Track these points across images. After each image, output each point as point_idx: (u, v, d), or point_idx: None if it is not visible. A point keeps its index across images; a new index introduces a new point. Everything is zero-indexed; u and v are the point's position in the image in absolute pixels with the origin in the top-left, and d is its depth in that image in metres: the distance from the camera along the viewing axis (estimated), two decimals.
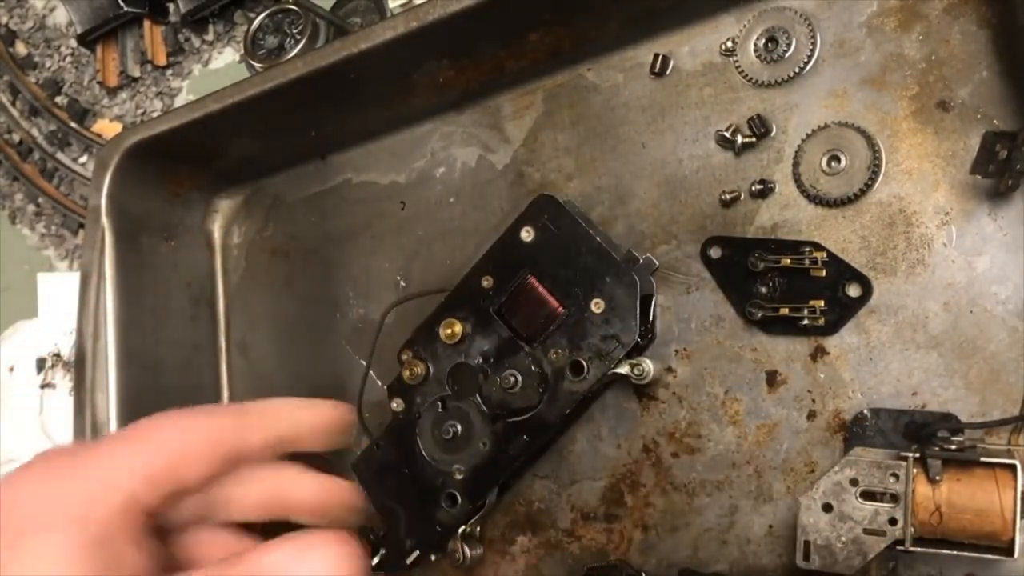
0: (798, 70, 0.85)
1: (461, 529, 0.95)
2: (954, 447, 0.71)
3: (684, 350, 0.89)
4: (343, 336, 1.10)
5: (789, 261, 0.83)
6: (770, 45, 0.86)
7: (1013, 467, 0.68)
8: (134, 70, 1.49)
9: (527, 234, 0.90)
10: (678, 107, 0.91)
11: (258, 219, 1.19)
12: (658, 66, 0.92)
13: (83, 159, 1.55)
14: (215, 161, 1.15)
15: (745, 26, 0.87)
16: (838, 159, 0.83)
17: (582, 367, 0.86)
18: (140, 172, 1.08)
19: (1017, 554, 0.68)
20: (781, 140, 0.86)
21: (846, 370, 0.82)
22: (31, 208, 1.60)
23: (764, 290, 0.84)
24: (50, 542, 0.49)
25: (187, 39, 1.46)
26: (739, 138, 0.86)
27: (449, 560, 0.96)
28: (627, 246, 0.90)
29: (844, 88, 0.84)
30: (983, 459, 0.69)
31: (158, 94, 1.48)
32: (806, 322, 0.82)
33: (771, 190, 0.86)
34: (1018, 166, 0.69)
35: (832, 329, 0.82)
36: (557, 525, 0.95)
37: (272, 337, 1.16)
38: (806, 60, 0.85)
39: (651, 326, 0.89)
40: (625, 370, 0.86)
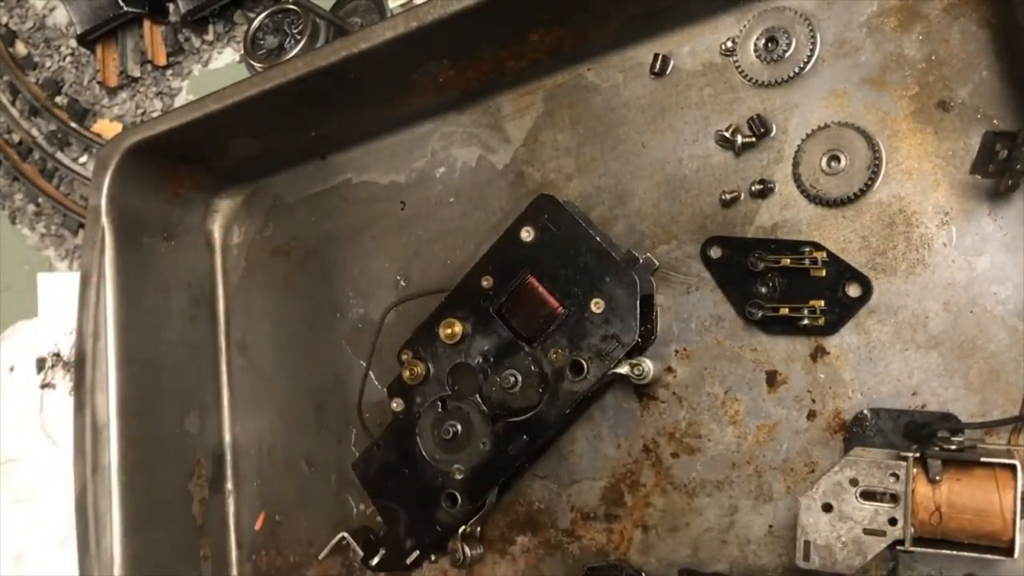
0: (798, 70, 0.85)
1: (461, 529, 0.95)
2: (954, 447, 0.71)
3: (684, 350, 0.89)
4: (343, 336, 1.10)
5: (789, 261, 0.83)
6: (770, 45, 0.86)
7: (1013, 467, 0.68)
8: (134, 70, 1.49)
9: (527, 234, 0.90)
10: (678, 107, 0.91)
11: (258, 219, 1.19)
12: (658, 66, 0.92)
13: (83, 159, 1.55)
14: (215, 161, 1.15)
15: (745, 26, 0.87)
16: (838, 159, 0.83)
17: (582, 367, 0.86)
18: (140, 172, 1.09)
19: (1017, 554, 0.68)
20: (781, 140, 0.86)
21: (846, 370, 0.82)
22: (31, 208, 1.60)
23: (764, 290, 0.84)
24: None
25: (187, 39, 1.46)
26: (739, 138, 0.86)
27: (449, 560, 0.96)
28: (627, 246, 0.91)
29: (844, 88, 0.84)
30: (983, 459, 0.69)
31: (158, 94, 1.48)
32: (806, 322, 0.82)
33: (771, 190, 0.86)
34: (1018, 166, 0.69)
35: (832, 329, 0.82)
36: (557, 525, 0.95)
37: (272, 337, 1.16)
38: (806, 60, 0.85)
39: (651, 326, 0.89)
40: (625, 370, 0.86)
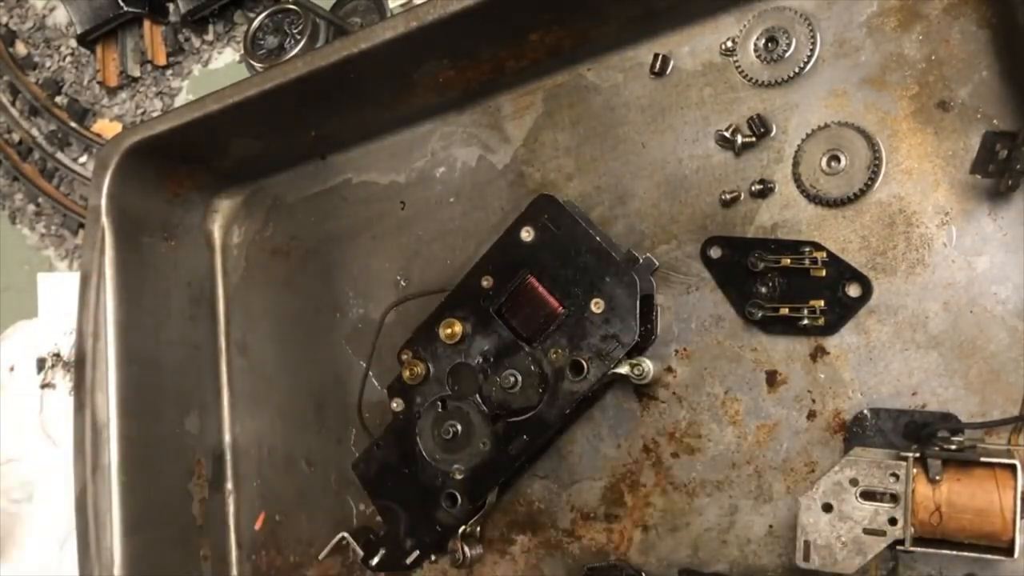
0: (798, 70, 0.85)
1: (461, 529, 0.95)
2: (954, 447, 0.71)
3: (684, 350, 0.89)
4: (343, 336, 1.10)
5: (789, 261, 0.83)
6: (770, 45, 0.86)
7: (1013, 467, 0.68)
8: (134, 70, 1.49)
9: (527, 234, 0.90)
10: (678, 107, 0.91)
11: (258, 219, 1.19)
12: (658, 66, 0.92)
13: (83, 159, 1.55)
14: (215, 161, 1.15)
15: (745, 26, 0.87)
16: (838, 159, 0.83)
17: (582, 367, 0.86)
18: (140, 172, 1.09)
19: (1017, 554, 0.68)
20: (781, 140, 0.86)
21: (846, 370, 0.82)
22: (31, 208, 1.60)
23: (764, 290, 0.84)
24: None
25: (187, 39, 1.46)
26: (739, 138, 0.86)
27: (449, 560, 0.96)
28: (627, 246, 0.91)
29: (844, 88, 0.84)
30: (983, 459, 0.69)
31: (158, 94, 1.48)
32: (806, 322, 0.82)
33: (771, 190, 0.86)
34: (1018, 166, 0.69)
35: (832, 329, 0.82)
36: (557, 525, 0.95)
37: (272, 337, 1.16)
38: (806, 60, 0.85)
39: (651, 326, 0.89)
40: (625, 370, 0.86)
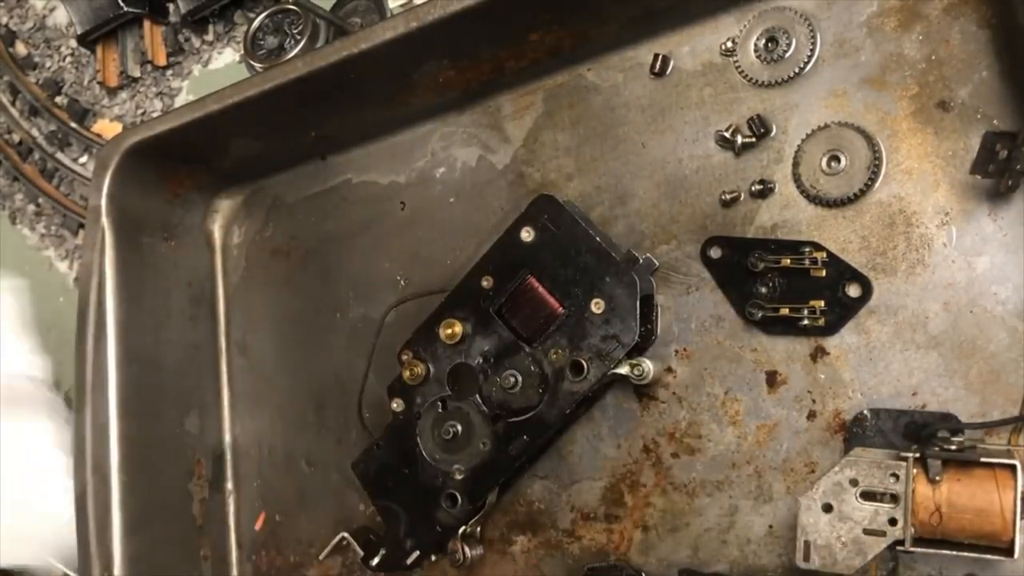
0: (798, 70, 0.85)
1: (461, 529, 0.95)
2: (954, 447, 0.71)
3: (684, 350, 0.89)
4: (343, 336, 1.10)
5: (789, 261, 0.83)
6: (770, 45, 0.86)
7: (1013, 467, 0.68)
8: (134, 70, 1.48)
9: (527, 234, 0.90)
10: (678, 107, 0.91)
11: (258, 219, 1.19)
12: (658, 66, 0.92)
13: (83, 159, 1.55)
14: (215, 161, 1.15)
15: (745, 26, 0.87)
16: (838, 159, 0.83)
17: (582, 367, 0.86)
18: (140, 172, 1.08)
19: (1017, 554, 0.68)
20: (781, 140, 0.86)
21: (846, 370, 0.82)
22: (31, 208, 1.60)
23: (764, 290, 0.84)
24: None
25: (187, 39, 1.46)
26: (739, 138, 0.86)
27: (449, 560, 0.96)
28: (627, 246, 0.90)
29: (844, 88, 0.84)
30: (983, 459, 0.69)
31: (158, 94, 1.48)
32: (806, 322, 0.82)
33: (771, 190, 0.86)
34: (1018, 166, 0.69)
35: (832, 329, 0.82)
36: (557, 525, 0.95)
37: (272, 337, 1.16)
38: (806, 60, 0.85)
39: (651, 326, 0.89)
40: (625, 370, 0.86)
